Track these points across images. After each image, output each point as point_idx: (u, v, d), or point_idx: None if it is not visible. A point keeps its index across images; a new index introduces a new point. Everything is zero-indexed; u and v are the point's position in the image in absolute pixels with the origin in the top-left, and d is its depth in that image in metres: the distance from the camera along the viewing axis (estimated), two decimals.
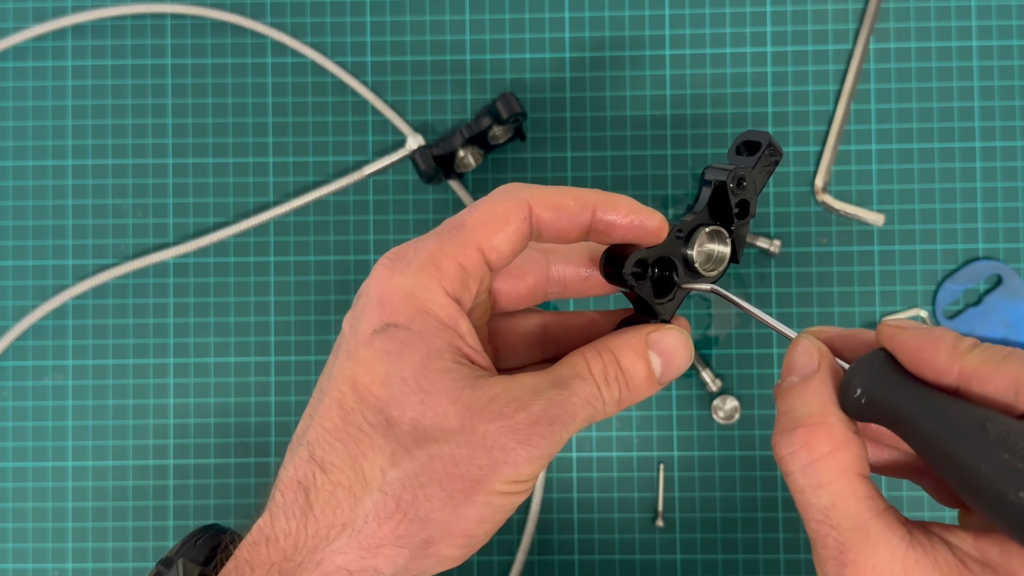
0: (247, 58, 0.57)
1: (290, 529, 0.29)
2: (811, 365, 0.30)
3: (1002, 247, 0.55)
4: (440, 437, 0.28)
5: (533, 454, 0.29)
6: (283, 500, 0.29)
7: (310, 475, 0.29)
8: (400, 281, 0.30)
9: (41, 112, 0.58)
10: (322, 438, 0.29)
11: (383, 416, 0.29)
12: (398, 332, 0.30)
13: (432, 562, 0.29)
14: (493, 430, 0.28)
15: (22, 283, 0.57)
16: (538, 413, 0.29)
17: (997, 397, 0.27)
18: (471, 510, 0.29)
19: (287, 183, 0.57)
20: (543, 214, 0.31)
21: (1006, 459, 0.24)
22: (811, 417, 0.29)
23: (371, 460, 0.29)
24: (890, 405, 0.28)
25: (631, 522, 0.55)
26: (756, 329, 0.55)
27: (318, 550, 0.28)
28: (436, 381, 0.29)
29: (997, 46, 0.56)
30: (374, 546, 0.28)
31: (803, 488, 0.28)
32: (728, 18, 0.56)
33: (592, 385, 0.31)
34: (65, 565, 0.56)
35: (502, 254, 0.31)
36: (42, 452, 0.56)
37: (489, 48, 0.57)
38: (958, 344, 0.28)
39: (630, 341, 0.32)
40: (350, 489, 0.29)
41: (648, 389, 0.32)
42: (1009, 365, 0.26)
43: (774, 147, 0.34)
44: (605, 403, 0.31)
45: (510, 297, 0.35)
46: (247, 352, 0.56)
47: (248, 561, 0.29)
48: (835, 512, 0.28)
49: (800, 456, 0.28)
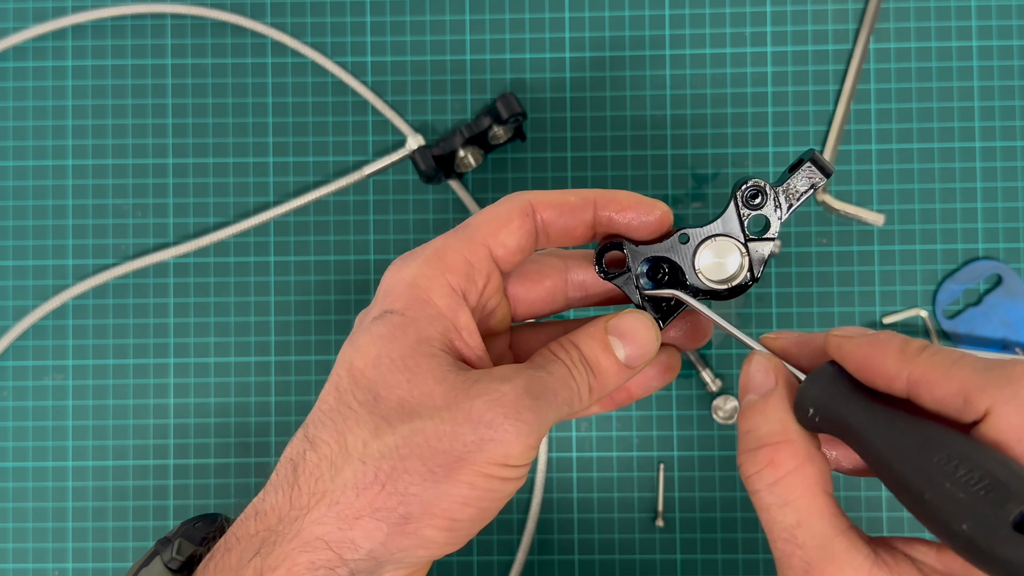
0: (247, 58, 0.57)
1: (277, 502, 0.29)
2: (768, 382, 0.30)
3: (1002, 247, 0.55)
4: (425, 413, 0.29)
5: (521, 430, 0.28)
6: (276, 477, 0.30)
7: (300, 451, 0.30)
8: (404, 273, 0.31)
9: (41, 112, 0.58)
10: (317, 418, 0.30)
11: (372, 394, 0.29)
12: (393, 317, 0.30)
13: (412, 541, 0.29)
14: (479, 405, 0.28)
15: (22, 283, 0.57)
16: (522, 386, 0.29)
17: (946, 404, 0.26)
18: (452, 489, 0.28)
19: (287, 183, 0.57)
20: (546, 212, 0.32)
21: (948, 488, 0.24)
22: (773, 435, 0.29)
23: (355, 433, 0.29)
24: (842, 422, 0.27)
25: (631, 522, 0.55)
26: (756, 329, 0.55)
27: (298, 520, 0.29)
28: (423, 363, 0.29)
29: (997, 46, 0.56)
30: (351, 517, 0.28)
31: (769, 506, 0.28)
32: (728, 18, 0.56)
33: (563, 366, 0.31)
34: (65, 565, 0.56)
35: (508, 249, 0.32)
36: (42, 452, 0.56)
37: (489, 48, 0.57)
38: (906, 348, 0.27)
39: (589, 330, 0.32)
40: (332, 461, 0.29)
41: (616, 374, 0.32)
42: (958, 370, 0.26)
43: (815, 166, 0.31)
44: (579, 386, 0.31)
45: (528, 301, 0.35)
46: (247, 352, 0.56)
47: (236, 534, 0.30)
48: (800, 530, 0.28)
49: (766, 475, 0.28)
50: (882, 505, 0.54)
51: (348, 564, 0.28)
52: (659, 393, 0.55)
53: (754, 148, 0.56)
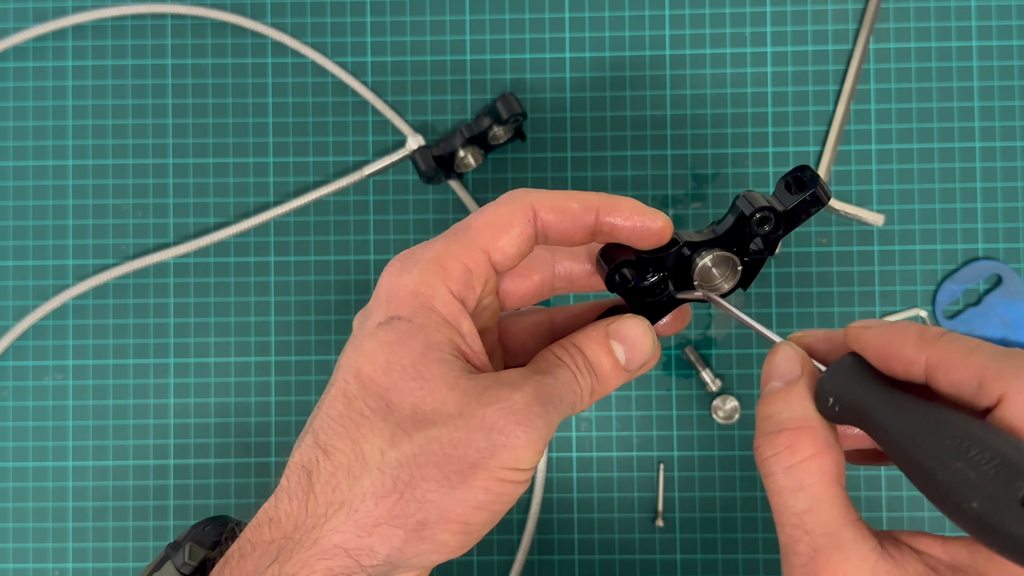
0: (247, 58, 0.57)
1: (292, 509, 0.30)
2: (794, 371, 0.31)
3: (1002, 247, 0.55)
4: (439, 421, 0.29)
5: (532, 436, 0.29)
6: (288, 484, 0.30)
7: (314, 459, 0.30)
8: (407, 279, 0.31)
9: (41, 112, 0.58)
10: (327, 424, 0.30)
11: (384, 402, 0.30)
12: (400, 324, 0.30)
13: (428, 546, 0.29)
14: (491, 412, 0.29)
15: (22, 283, 0.57)
16: (532, 394, 0.30)
17: (961, 388, 0.27)
18: (468, 494, 0.29)
19: (287, 183, 0.57)
20: (548, 217, 0.32)
21: (959, 468, 0.24)
22: (795, 421, 0.29)
23: (371, 441, 0.29)
24: (860, 409, 0.28)
25: (631, 522, 0.55)
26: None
27: (316, 528, 0.29)
28: (434, 369, 0.30)
29: (997, 46, 0.56)
30: (370, 525, 0.29)
31: (782, 490, 0.29)
32: (728, 18, 0.56)
33: (568, 371, 0.32)
34: (65, 565, 0.56)
35: (507, 256, 0.32)
36: (42, 452, 0.56)
37: (489, 48, 0.57)
38: (924, 334, 0.28)
39: (591, 334, 0.33)
40: (349, 469, 0.29)
41: (616, 377, 0.33)
42: (975, 356, 0.26)
43: (818, 194, 0.32)
44: (582, 390, 0.32)
45: (517, 295, 0.36)
46: (247, 352, 0.56)
47: (250, 541, 0.30)
48: (811, 516, 0.28)
49: (784, 458, 0.29)
50: (882, 505, 0.54)
51: (366, 570, 0.29)
52: (659, 393, 0.55)
53: (754, 148, 0.56)
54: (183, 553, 0.33)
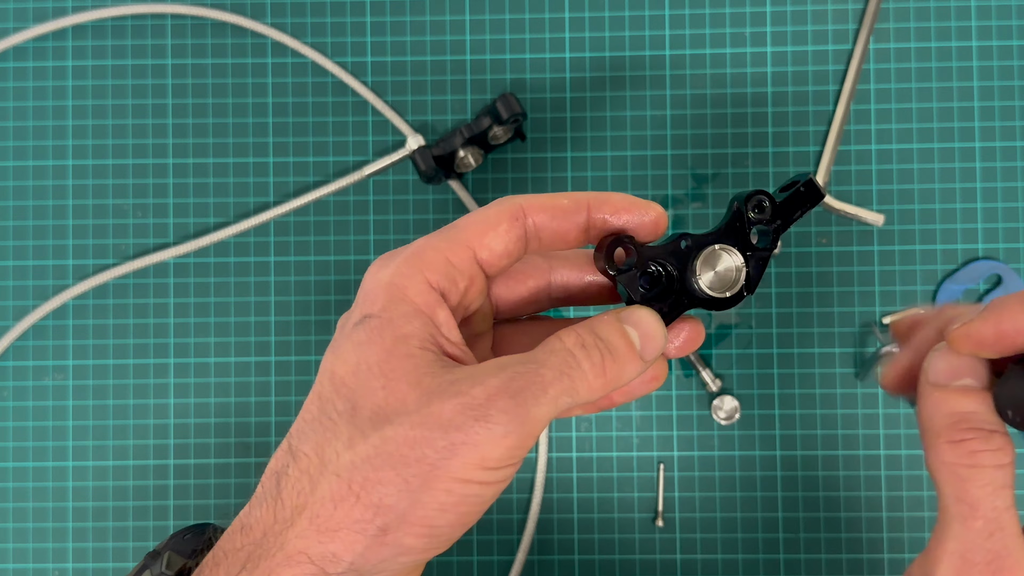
0: (247, 58, 0.57)
1: (262, 516, 0.29)
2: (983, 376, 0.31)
3: (1002, 247, 0.55)
4: (395, 420, 0.28)
5: (495, 432, 0.27)
6: (261, 490, 0.30)
7: (284, 464, 0.30)
8: (383, 274, 0.30)
9: (41, 112, 0.58)
10: (300, 428, 0.30)
11: (351, 404, 0.29)
12: (372, 321, 0.30)
13: (392, 551, 0.28)
14: (448, 409, 0.27)
15: (22, 283, 0.57)
16: (496, 386, 0.28)
17: None
18: (428, 496, 0.27)
19: (287, 183, 0.57)
20: (538, 217, 0.31)
21: None
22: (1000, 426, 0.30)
23: (331, 445, 0.29)
24: None
25: (631, 522, 0.55)
26: (756, 329, 0.55)
27: (282, 535, 0.29)
28: (398, 366, 0.29)
29: (997, 46, 0.56)
30: (331, 530, 0.28)
31: (988, 484, 0.29)
32: (728, 18, 0.56)
33: (564, 354, 0.29)
34: (65, 565, 0.56)
35: (494, 253, 0.31)
36: (42, 452, 0.56)
37: (489, 48, 0.57)
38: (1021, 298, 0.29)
39: (603, 316, 0.31)
40: (311, 474, 0.29)
41: (631, 361, 0.30)
42: None
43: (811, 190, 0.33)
44: (585, 372, 0.29)
45: (510, 302, 0.35)
46: (247, 352, 0.56)
47: (223, 549, 0.30)
48: (1008, 515, 0.29)
49: (999, 456, 0.30)
50: (882, 505, 0.54)
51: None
52: (659, 393, 0.55)
53: (754, 148, 0.56)
54: (161, 562, 0.32)
